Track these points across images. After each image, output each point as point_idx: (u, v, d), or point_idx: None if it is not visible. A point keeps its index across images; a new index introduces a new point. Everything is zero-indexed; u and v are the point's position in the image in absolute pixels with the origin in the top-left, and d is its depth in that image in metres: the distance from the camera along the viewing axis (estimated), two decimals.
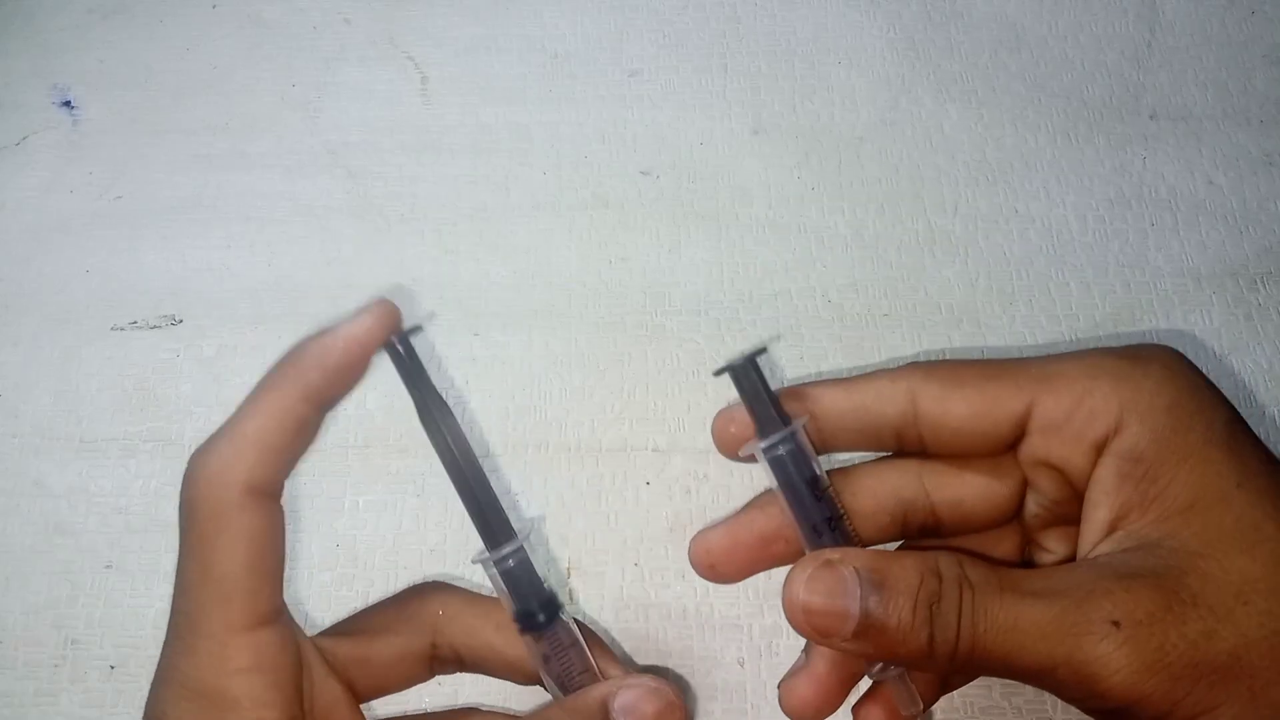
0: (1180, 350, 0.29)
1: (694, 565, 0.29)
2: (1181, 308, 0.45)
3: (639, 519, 0.41)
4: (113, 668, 0.39)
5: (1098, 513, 0.26)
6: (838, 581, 0.25)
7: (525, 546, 0.27)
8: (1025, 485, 0.29)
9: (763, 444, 0.28)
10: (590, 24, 0.55)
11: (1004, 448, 0.28)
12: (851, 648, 0.25)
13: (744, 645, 0.39)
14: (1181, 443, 0.25)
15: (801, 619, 0.25)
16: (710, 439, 0.29)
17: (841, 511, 0.28)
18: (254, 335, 0.46)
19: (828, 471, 0.29)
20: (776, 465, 0.28)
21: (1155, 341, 0.35)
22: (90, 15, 0.57)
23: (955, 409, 0.27)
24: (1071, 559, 0.28)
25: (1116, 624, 0.23)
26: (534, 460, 0.42)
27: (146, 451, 0.43)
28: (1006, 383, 0.27)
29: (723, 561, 0.29)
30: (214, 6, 0.57)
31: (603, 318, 0.46)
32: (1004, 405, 0.27)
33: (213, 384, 0.45)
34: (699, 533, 0.29)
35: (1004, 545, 0.30)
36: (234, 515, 0.25)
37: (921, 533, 0.30)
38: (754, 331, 0.45)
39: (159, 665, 0.26)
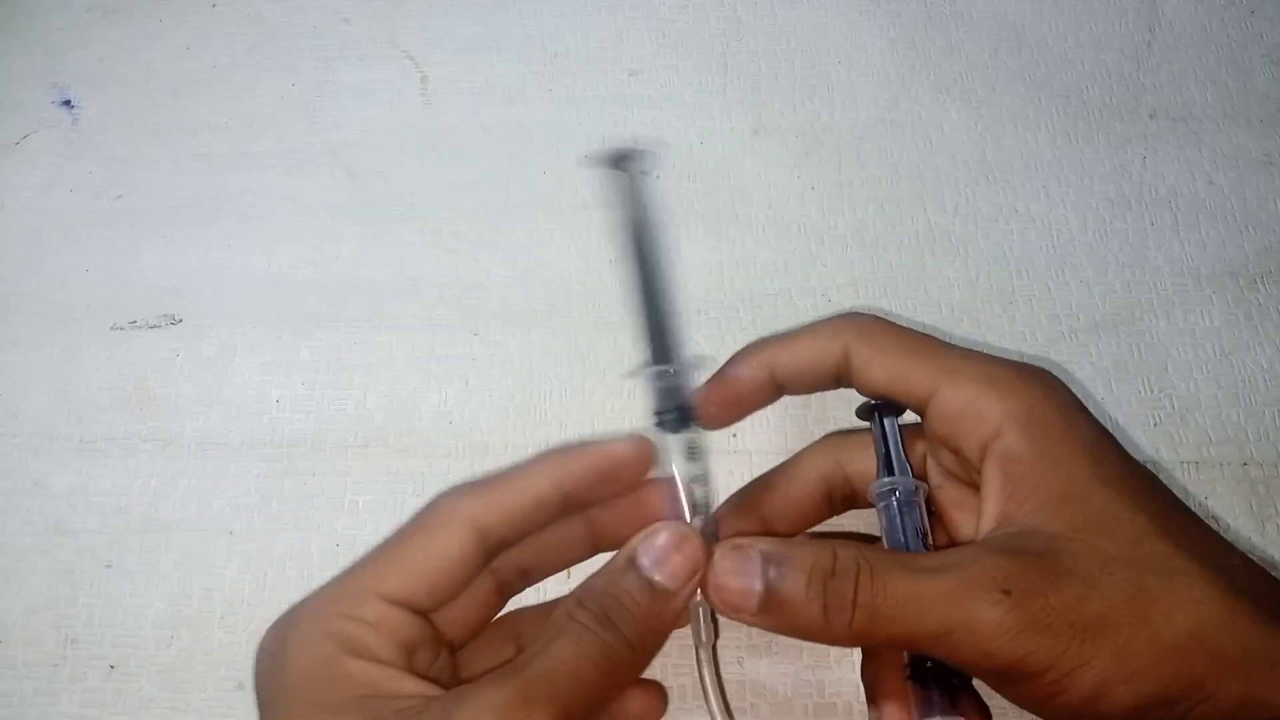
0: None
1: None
2: (1181, 308, 0.45)
3: None
4: (112, 667, 0.39)
5: (988, 506, 0.29)
6: (744, 561, 0.28)
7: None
8: (925, 459, 0.33)
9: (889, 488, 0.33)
10: (590, 24, 0.55)
11: (917, 408, 0.32)
12: (759, 622, 0.28)
13: (744, 645, 0.39)
14: (1053, 450, 0.29)
15: (714, 595, 0.28)
16: (709, 439, 0.30)
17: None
18: (254, 335, 0.46)
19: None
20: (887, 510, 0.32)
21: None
22: (90, 14, 0.57)
23: (876, 374, 0.32)
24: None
25: (1007, 592, 0.26)
26: None
27: (146, 451, 0.43)
28: (918, 364, 0.31)
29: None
30: (214, 6, 0.57)
31: (603, 318, 0.46)
32: (912, 384, 0.31)
33: (213, 384, 0.45)
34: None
35: None
36: (443, 528, 0.29)
37: (845, 504, 0.35)
38: (754, 332, 0.45)
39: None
